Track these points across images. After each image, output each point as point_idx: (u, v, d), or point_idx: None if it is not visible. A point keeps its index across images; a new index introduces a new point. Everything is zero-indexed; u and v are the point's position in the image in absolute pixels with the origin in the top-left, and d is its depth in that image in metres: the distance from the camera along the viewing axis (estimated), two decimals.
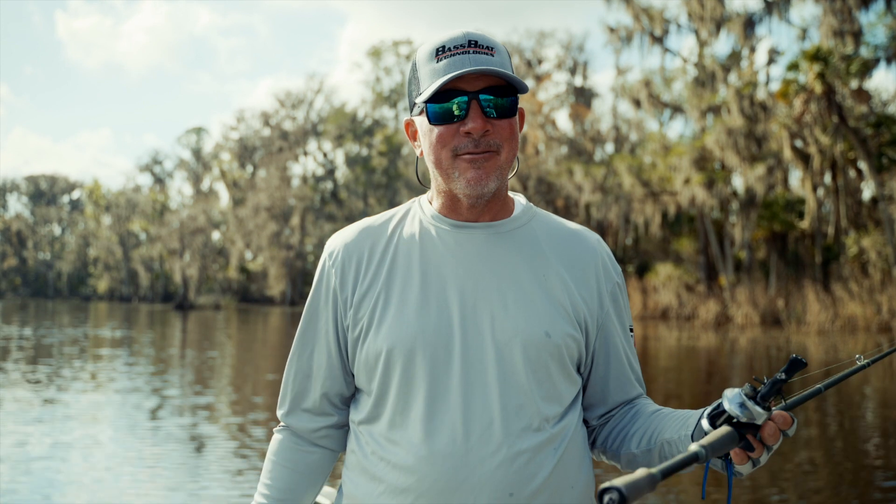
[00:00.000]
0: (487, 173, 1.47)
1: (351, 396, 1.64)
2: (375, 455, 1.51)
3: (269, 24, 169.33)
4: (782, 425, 1.28)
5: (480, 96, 1.44)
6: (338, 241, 1.63)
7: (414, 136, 1.58)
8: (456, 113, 1.45)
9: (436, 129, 1.48)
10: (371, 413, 1.55)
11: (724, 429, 1.24)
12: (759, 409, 1.24)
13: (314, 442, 1.66)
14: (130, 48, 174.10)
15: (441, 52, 1.47)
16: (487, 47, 1.46)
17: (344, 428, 1.67)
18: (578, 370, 1.59)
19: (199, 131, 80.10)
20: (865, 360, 1.50)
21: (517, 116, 1.50)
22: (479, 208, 1.54)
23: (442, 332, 1.48)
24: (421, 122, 1.52)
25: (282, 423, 1.69)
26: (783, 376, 1.24)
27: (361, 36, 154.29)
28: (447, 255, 1.54)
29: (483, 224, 1.55)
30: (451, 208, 1.56)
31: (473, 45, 1.46)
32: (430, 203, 1.61)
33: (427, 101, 1.47)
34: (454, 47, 1.46)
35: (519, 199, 1.65)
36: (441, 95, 1.45)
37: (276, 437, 1.68)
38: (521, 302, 1.50)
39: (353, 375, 1.61)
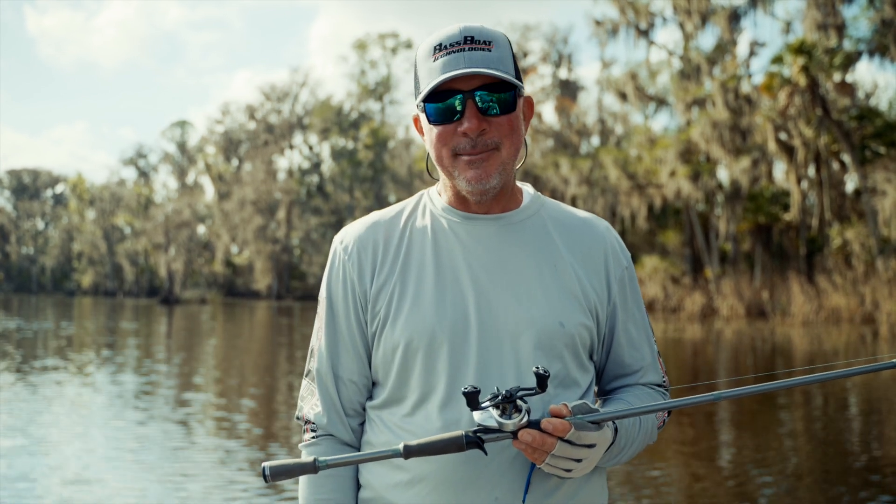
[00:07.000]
0: (488, 172, 1.48)
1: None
2: (391, 445, 1.49)
3: (239, 18, 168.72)
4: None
5: (476, 94, 1.45)
6: (349, 234, 1.62)
7: (422, 130, 1.59)
8: (452, 113, 1.46)
9: (435, 129, 1.49)
10: (387, 402, 1.55)
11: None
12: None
13: (354, 445, 1.61)
14: (102, 43, 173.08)
15: (437, 49, 1.47)
16: (484, 42, 1.46)
17: None
18: (591, 358, 1.60)
19: (183, 125, 79.62)
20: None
21: (518, 110, 1.51)
22: (486, 202, 1.55)
23: (458, 324, 1.49)
24: (423, 119, 1.53)
25: (315, 434, 1.60)
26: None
27: (331, 30, 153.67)
28: (460, 246, 1.54)
29: (493, 216, 1.57)
30: (461, 201, 1.57)
31: (469, 41, 1.45)
32: (440, 195, 1.62)
33: (425, 101, 1.48)
34: (450, 45, 1.46)
35: (527, 190, 1.66)
36: (438, 95, 1.46)
37: (317, 449, 1.58)
38: (535, 292, 1.51)
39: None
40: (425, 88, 1.47)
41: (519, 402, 1.35)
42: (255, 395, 11.76)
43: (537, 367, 1.33)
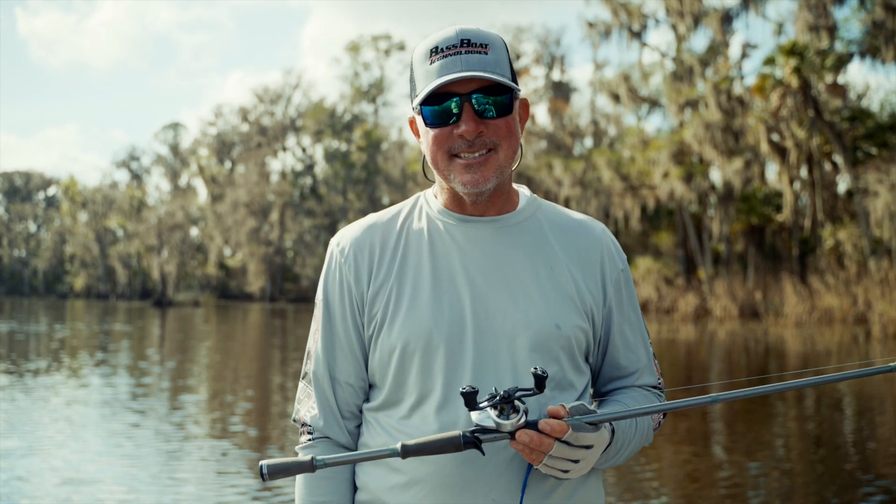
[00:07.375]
0: (485, 175, 1.48)
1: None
2: (388, 446, 1.50)
3: (230, 19, 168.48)
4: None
5: (473, 97, 1.45)
6: (346, 236, 1.62)
7: (418, 133, 1.58)
8: (449, 115, 1.46)
9: (431, 131, 1.49)
10: (384, 404, 1.55)
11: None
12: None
13: (350, 447, 1.61)
14: (94, 45, 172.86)
15: (434, 52, 1.47)
16: (481, 45, 1.46)
17: None
18: (587, 360, 1.60)
19: (176, 127, 79.47)
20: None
21: (515, 112, 1.50)
22: (482, 204, 1.55)
23: (454, 326, 1.49)
24: (419, 122, 1.53)
25: (312, 436, 1.60)
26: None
27: (324, 31, 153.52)
28: (456, 249, 1.55)
29: (489, 218, 1.57)
30: (457, 203, 1.58)
31: (466, 43, 1.45)
32: (436, 197, 1.62)
33: (421, 104, 1.48)
34: (446, 48, 1.46)
35: (524, 192, 1.66)
36: (434, 98, 1.46)
37: (314, 451, 1.57)
38: (531, 294, 1.52)
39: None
40: (422, 91, 1.47)
41: (517, 402, 1.34)
42: (249, 396, 11.75)
43: (535, 368, 1.33)
